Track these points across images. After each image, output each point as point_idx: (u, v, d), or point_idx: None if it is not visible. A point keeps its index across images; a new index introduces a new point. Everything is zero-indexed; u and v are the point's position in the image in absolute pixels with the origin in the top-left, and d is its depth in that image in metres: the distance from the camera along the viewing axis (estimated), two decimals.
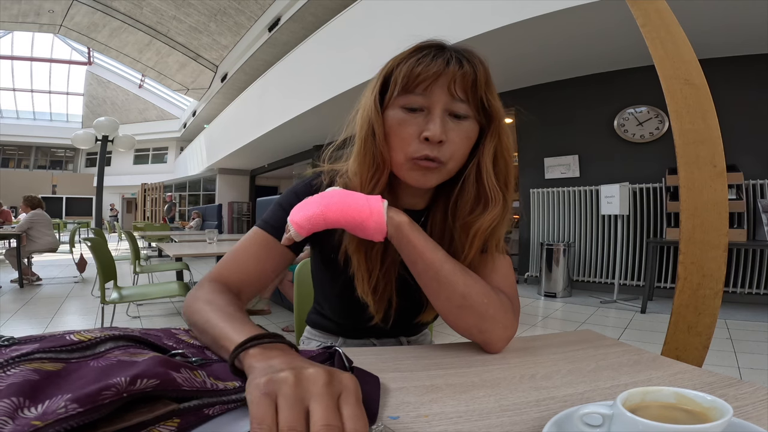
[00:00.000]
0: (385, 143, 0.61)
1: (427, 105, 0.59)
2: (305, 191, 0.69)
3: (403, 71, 0.59)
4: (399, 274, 0.67)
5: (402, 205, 0.67)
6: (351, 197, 0.58)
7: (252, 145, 9.02)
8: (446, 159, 0.60)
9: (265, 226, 0.67)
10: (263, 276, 0.66)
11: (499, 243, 0.65)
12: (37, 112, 20.21)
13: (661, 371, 0.52)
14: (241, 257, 0.65)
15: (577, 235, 4.62)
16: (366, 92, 0.65)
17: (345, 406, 0.31)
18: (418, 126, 0.59)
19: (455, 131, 0.60)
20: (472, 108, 0.61)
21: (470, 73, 0.59)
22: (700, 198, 0.93)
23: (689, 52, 0.97)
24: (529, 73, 4.59)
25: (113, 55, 14.12)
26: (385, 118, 0.61)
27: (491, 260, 0.67)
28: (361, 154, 0.63)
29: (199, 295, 0.56)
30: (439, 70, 0.58)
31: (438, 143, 0.58)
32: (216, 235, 3.39)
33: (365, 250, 0.64)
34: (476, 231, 0.62)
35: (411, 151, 0.59)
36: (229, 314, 0.49)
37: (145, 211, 16.52)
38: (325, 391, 0.31)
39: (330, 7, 7.27)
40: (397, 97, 0.60)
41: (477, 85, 0.60)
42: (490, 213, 0.61)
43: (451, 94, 0.59)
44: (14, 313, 3.33)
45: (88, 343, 0.38)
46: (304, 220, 0.55)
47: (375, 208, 0.56)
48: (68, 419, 0.26)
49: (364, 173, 0.62)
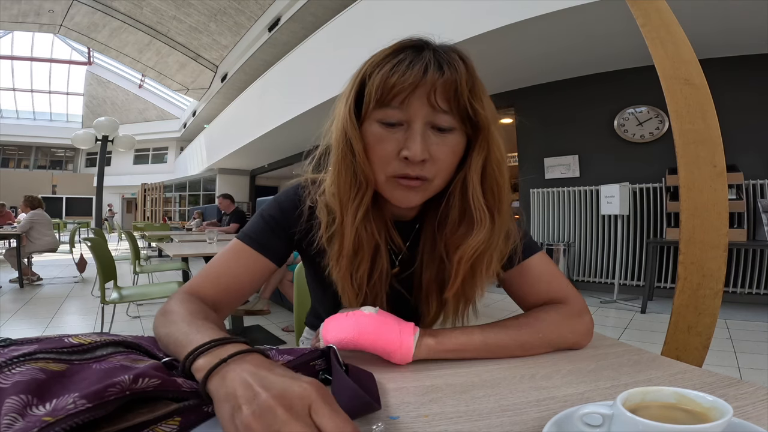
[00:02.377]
0: (367, 160, 0.55)
1: (405, 119, 0.53)
2: (289, 204, 0.65)
3: (377, 82, 0.53)
4: (392, 287, 0.65)
5: (389, 218, 0.64)
6: (385, 327, 0.53)
7: (252, 145, 9.02)
8: (431, 176, 0.55)
9: (246, 239, 0.64)
10: (241, 289, 0.63)
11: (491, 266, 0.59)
12: (37, 112, 20.22)
13: (661, 371, 0.51)
14: (219, 270, 0.62)
15: (577, 235, 4.62)
16: (340, 100, 0.58)
17: (320, 420, 0.29)
18: (397, 143, 0.54)
19: (439, 146, 0.54)
20: (457, 119, 0.54)
21: (452, 80, 0.53)
22: (700, 198, 0.93)
23: (689, 52, 0.97)
24: (529, 73, 4.58)
25: (113, 55, 14.13)
26: (362, 132, 0.56)
27: (526, 270, 0.65)
28: (339, 172, 0.57)
29: (165, 308, 0.53)
30: (416, 80, 0.52)
31: (420, 162, 0.53)
32: (216, 235, 3.38)
33: (351, 272, 0.60)
34: (460, 258, 0.57)
35: (391, 169, 0.55)
36: (189, 323, 0.46)
37: (145, 211, 16.53)
38: (288, 418, 0.29)
39: (330, 7, 7.27)
40: (373, 111, 0.54)
41: (460, 93, 0.53)
42: (474, 237, 0.56)
43: (432, 105, 0.53)
44: (14, 313, 3.33)
45: (88, 347, 0.38)
46: (336, 341, 0.53)
47: (405, 344, 0.53)
48: (78, 414, 0.27)
49: (344, 193, 0.57)
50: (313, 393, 0.31)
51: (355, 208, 0.57)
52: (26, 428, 0.25)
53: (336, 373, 0.41)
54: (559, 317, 0.60)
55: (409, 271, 0.66)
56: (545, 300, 0.66)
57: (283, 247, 0.66)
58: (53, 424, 0.25)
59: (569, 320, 0.61)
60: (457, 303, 0.63)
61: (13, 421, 0.26)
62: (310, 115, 6.24)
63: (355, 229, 0.58)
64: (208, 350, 0.38)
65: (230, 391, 0.32)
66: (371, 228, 0.60)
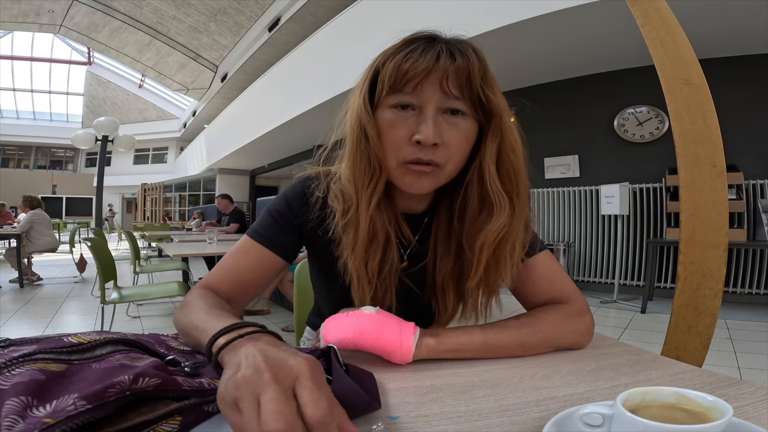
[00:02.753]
0: (380, 145, 0.57)
1: (418, 104, 0.55)
2: (297, 197, 0.66)
3: (390, 69, 0.54)
4: (402, 282, 0.65)
5: (399, 210, 0.64)
6: (385, 327, 0.54)
7: (252, 145, 9.02)
8: (443, 162, 0.56)
9: (254, 235, 0.65)
10: (253, 285, 0.65)
11: (514, 253, 0.59)
12: (37, 112, 20.22)
13: (661, 371, 0.51)
14: (231, 266, 0.64)
15: (577, 235, 4.62)
16: (354, 91, 0.60)
17: (300, 392, 0.30)
18: (409, 128, 0.55)
19: (451, 131, 0.55)
20: (469, 105, 0.56)
21: (464, 67, 0.54)
22: (700, 198, 0.93)
23: (689, 52, 0.97)
24: (529, 72, 4.59)
25: (113, 55, 14.13)
26: (376, 118, 0.57)
27: (530, 268, 0.65)
28: (354, 159, 0.58)
29: (185, 302, 0.56)
30: (429, 65, 0.53)
31: (432, 146, 0.54)
32: (216, 235, 3.39)
33: (366, 261, 0.61)
34: (482, 244, 0.57)
35: (402, 155, 0.55)
36: (208, 312, 0.48)
37: (145, 211, 16.53)
38: (270, 380, 0.30)
39: (330, 7, 7.27)
40: (386, 97, 0.56)
41: (472, 80, 0.54)
42: (495, 222, 0.56)
43: (444, 91, 0.54)
44: (14, 313, 3.33)
45: (88, 346, 0.38)
46: (336, 341, 0.53)
47: (405, 343, 0.53)
48: (78, 416, 0.27)
49: (358, 180, 0.58)
50: (303, 367, 0.31)
51: (369, 194, 0.58)
52: (27, 430, 0.25)
53: (336, 373, 0.41)
54: (559, 317, 0.60)
55: (419, 265, 0.66)
56: (547, 299, 0.66)
57: (291, 242, 0.67)
58: (53, 426, 0.25)
59: (570, 320, 0.61)
60: (479, 294, 0.63)
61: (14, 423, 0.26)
62: (310, 115, 6.23)
63: (370, 216, 0.58)
64: (229, 332, 0.39)
65: (236, 360, 0.34)
66: (383, 218, 0.60)
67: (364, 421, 0.38)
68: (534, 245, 0.66)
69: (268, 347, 0.35)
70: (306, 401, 0.29)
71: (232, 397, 0.30)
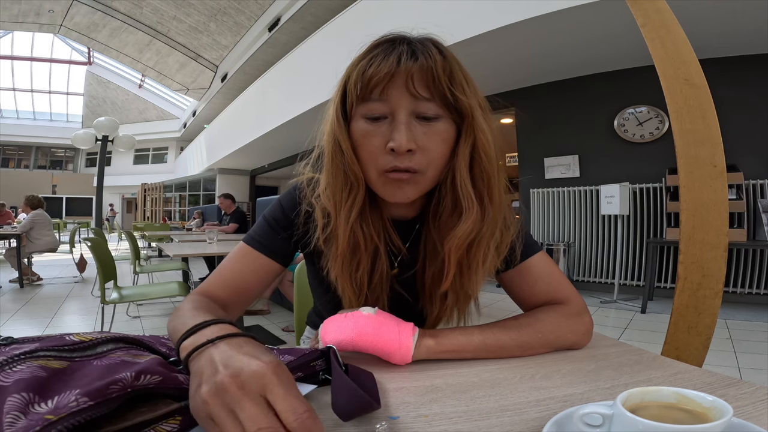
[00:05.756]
0: (355, 158, 0.56)
1: (389, 111, 0.53)
2: (290, 205, 0.66)
3: (354, 77, 0.54)
4: (394, 290, 0.64)
5: (389, 217, 0.63)
6: (384, 328, 0.53)
7: (252, 145, 9.02)
8: (422, 167, 0.54)
9: (250, 241, 0.66)
10: (249, 291, 0.65)
11: (487, 258, 0.58)
12: (37, 112, 20.22)
13: (661, 371, 0.51)
14: (227, 273, 0.64)
15: (577, 235, 4.62)
16: (329, 104, 0.59)
17: (275, 401, 0.30)
18: (383, 136, 0.54)
19: (427, 135, 0.53)
20: (441, 106, 0.54)
21: (427, 67, 0.52)
22: (700, 198, 0.93)
23: (689, 52, 0.97)
24: (529, 73, 4.58)
25: (113, 55, 14.13)
26: (350, 131, 0.56)
27: (526, 270, 0.65)
28: (331, 173, 0.58)
29: (176, 308, 0.55)
30: (392, 69, 0.52)
31: (408, 152, 0.52)
32: (216, 235, 3.38)
33: (350, 272, 0.60)
34: (449, 250, 0.56)
35: (380, 164, 0.54)
36: (187, 316, 0.47)
37: (145, 211, 16.53)
38: (239, 395, 0.30)
39: (330, 7, 7.27)
40: (357, 107, 0.55)
41: (437, 79, 0.53)
42: (462, 226, 0.55)
43: (412, 93, 0.52)
44: (14, 313, 3.33)
45: (89, 344, 0.38)
46: (335, 342, 0.53)
47: (404, 344, 0.53)
48: (80, 412, 0.27)
49: (337, 194, 0.58)
50: (267, 373, 0.31)
51: (348, 208, 0.57)
52: (29, 426, 0.25)
53: (336, 373, 0.41)
54: (558, 317, 0.60)
55: (410, 272, 0.65)
56: (545, 300, 0.65)
57: (286, 247, 0.67)
58: (55, 423, 0.25)
59: (569, 320, 0.61)
60: (456, 299, 0.62)
61: (16, 420, 0.26)
62: (311, 115, 6.21)
63: (350, 229, 0.58)
64: (195, 332, 0.39)
65: (198, 370, 0.34)
66: (368, 228, 0.59)
67: (364, 421, 0.38)
68: (530, 247, 0.66)
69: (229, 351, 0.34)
70: (282, 409, 0.29)
71: (206, 413, 0.30)
